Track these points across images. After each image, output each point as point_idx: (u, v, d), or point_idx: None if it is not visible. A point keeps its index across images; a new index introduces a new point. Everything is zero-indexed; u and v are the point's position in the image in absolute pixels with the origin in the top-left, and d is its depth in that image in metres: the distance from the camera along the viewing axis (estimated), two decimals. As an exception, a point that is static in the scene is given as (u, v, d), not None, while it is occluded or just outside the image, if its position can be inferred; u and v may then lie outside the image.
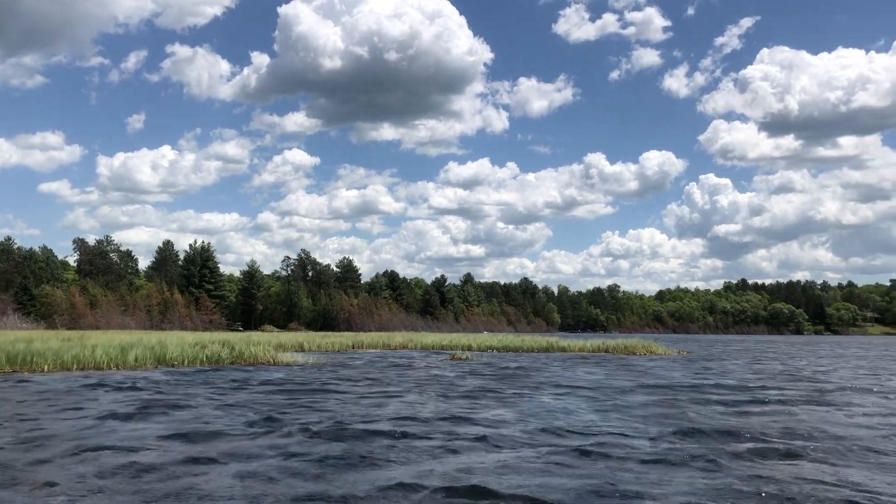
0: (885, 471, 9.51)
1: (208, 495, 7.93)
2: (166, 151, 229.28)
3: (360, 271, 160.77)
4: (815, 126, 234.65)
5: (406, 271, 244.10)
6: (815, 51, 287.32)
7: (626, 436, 11.75)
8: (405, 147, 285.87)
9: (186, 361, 29.10)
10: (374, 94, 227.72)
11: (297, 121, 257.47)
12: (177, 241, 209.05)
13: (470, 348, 44.62)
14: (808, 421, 13.80)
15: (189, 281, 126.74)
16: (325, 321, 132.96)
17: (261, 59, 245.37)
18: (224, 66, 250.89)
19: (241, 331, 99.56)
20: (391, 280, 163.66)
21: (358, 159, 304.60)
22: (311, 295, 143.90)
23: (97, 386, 19.61)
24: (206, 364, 29.20)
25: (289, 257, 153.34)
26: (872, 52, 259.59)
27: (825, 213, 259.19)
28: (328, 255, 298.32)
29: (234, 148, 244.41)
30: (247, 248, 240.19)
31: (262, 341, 38.94)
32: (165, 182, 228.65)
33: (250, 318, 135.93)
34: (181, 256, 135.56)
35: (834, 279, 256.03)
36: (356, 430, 11.81)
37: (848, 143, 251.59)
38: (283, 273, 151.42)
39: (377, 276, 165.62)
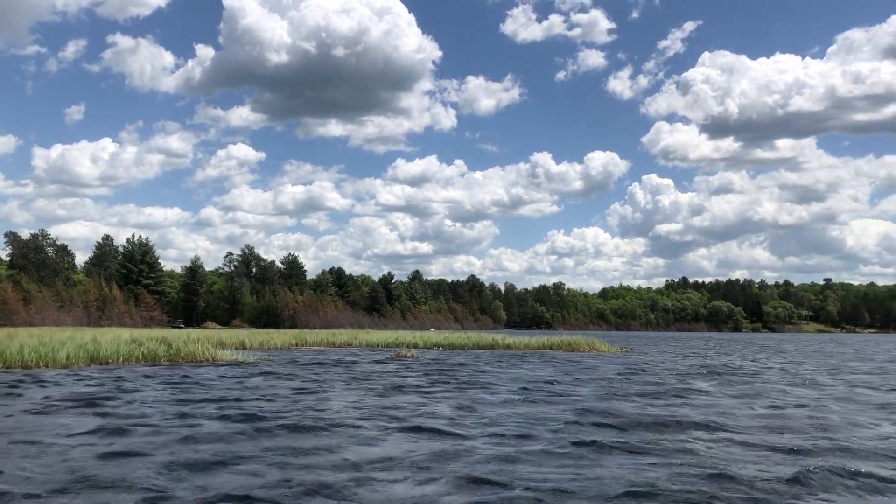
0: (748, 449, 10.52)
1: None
2: (107, 144, 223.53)
3: (305, 268, 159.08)
4: (754, 129, 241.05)
5: (353, 268, 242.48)
6: (754, 56, 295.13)
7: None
8: (353, 143, 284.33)
9: (121, 359, 28.14)
10: (322, 89, 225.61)
11: (243, 115, 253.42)
12: (117, 236, 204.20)
13: (415, 346, 44.33)
14: (718, 410, 14.75)
15: (128, 277, 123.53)
16: (269, 318, 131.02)
17: (205, 52, 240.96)
18: (168, 57, 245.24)
19: (182, 328, 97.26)
20: (337, 277, 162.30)
21: (304, 155, 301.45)
22: (255, 292, 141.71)
23: (18, 383, 18.75)
24: (142, 362, 28.29)
25: (232, 253, 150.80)
26: (808, 58, 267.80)
27: (763, 214, 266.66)
28: (273, 252, 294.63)
29: (177, 141, 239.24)
30: (189, 243, 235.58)
31: (202, 338, 38.00)
32: (105, 175, 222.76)
33: (192, 315, 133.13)
34: (121, 251, 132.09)
35: (771, 278, 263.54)
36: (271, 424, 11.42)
37: (785, 146, 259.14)
38: (227, 269, 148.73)
39: (323, 273, 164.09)
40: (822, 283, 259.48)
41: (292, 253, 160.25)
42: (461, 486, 8.23)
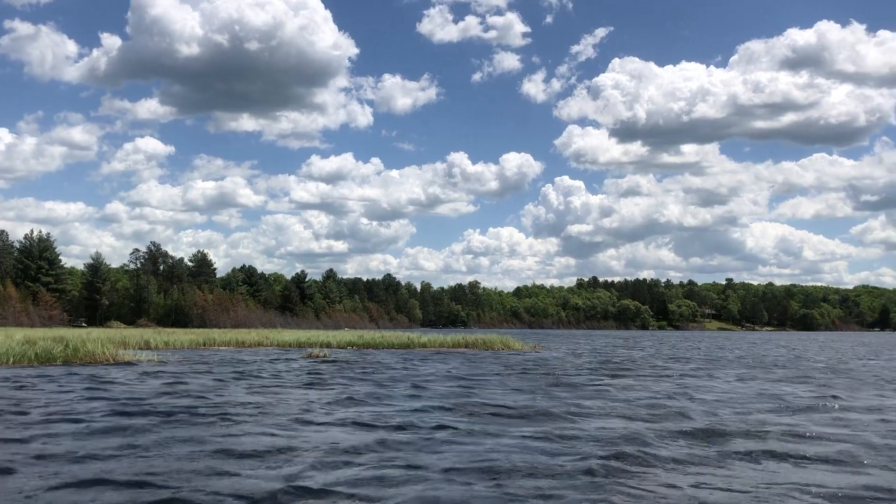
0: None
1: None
2: (3, 134, 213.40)
3: (215, 266, 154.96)
4: (660, 134, 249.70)
5: (265, 267, 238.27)
6: (661, 63, 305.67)
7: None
8: (266, 139, 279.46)
9: (12, 360, 26.46)
10: (234, 83, 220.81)
11: (151, 108, 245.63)
12: (13, 231, 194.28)
13: (329, 345, 43.60)
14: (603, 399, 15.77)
15: (26, 274, 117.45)
16: (177, 317, 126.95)
17: (111, 42, 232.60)
18: (71, 46, 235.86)
19: (84, 327, 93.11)
20: (248, 275, 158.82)
21: (215, 150, 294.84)
22: (163, 290, 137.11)
23: None
24: (35, 363, 26.69)
25: (138, 250, 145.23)
26: (712, 67, 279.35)
27: (668, 216, 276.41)
28: (182, 249, 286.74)
29: (80, 133, 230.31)
30: (93, 239, 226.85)
31: (103, 338, 36.27)
32: (1, 167, 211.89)
33: (95, 314, 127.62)
34: (17, 247, 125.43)
35: (676, 278, 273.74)
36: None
37: (689, 151, 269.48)
38: (132, 266, 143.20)
39: (234, 271, 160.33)
40: (723, 282, 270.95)
41: (202, 250, 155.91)
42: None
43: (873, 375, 25.85)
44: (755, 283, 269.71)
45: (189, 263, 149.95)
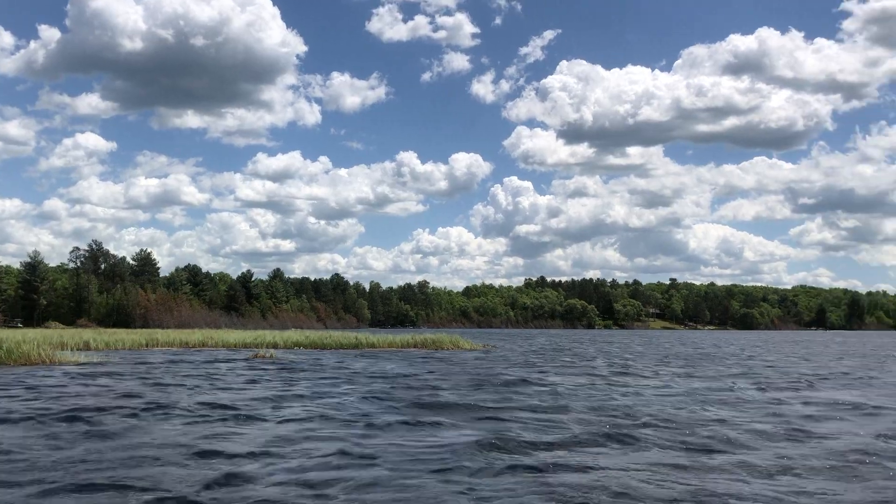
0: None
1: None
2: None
3: (158, 265, 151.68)
4: (607, 136, 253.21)
5: (210, 266, 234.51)
6: (608, 66, 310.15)
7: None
8: (211, 136, 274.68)
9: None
10: (178, 78, 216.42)
11: (92, 102, 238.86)
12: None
13: (275, 346, 43.03)
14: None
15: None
16: (118, 318, 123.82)
17: (50, 34, 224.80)
18: (6, 38, 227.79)
19: (20, 328, 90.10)
20: (193, 274, 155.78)
21: (159, 146, 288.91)
22: (104, 290, 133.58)
23: None
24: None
25: (78, 248, 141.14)
26: (657, 71, 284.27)
27: (614, 217, 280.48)
28: (124, 248, 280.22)
29: (16, 128, 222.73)
30: (30, 237, 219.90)
31: (40, 339, 35.12)
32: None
33: (33, 314, 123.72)
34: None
35: (621, 278, 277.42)
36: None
37: (635, 153, 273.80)
38: (72, 265, 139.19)
39: (178, 270, 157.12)
40: (667, 282, 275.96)
41: (145, 249, 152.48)
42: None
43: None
44: (698, 283, 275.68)
45: (131, 262, 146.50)
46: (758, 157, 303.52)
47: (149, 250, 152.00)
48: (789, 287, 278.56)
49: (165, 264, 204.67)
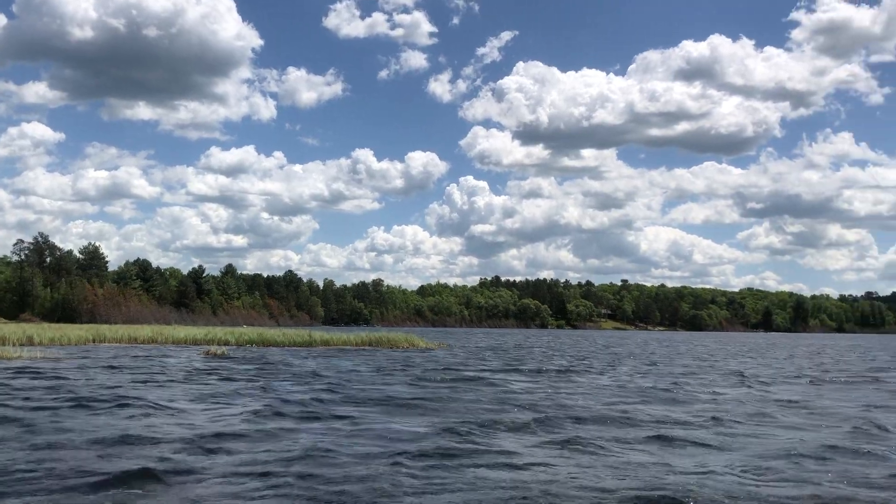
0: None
1: None
2: None
3: (107, 259, 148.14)
4: (562, 138, 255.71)
5: (160, 260, 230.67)
6: (564, 68, 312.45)
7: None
8: (163, 128, 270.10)
9: None
10: (130, 69, 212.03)
11: (39, 91, 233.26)
12: None
13: (227, 343, 42.32)
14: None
15: None
16: (64, 312, 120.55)
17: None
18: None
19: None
20: (143, 269, 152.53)
21: (109, 138, 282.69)
22: (49, 283, 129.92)
23: None
24: None
25: (23, 241, 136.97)
26: (611, 74, 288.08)
27: (568, 218, 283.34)
28: (71, 241, 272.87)
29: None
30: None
31: (-20, 334, 33.96)
32: None
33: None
34: None
35: (574, 278, 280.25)
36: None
37: (589, 156, 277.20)
38: (16, 258, 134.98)
39: (127, 264, 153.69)
40: (619, 283, 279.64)
41: (93, 242, 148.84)
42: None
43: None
44: (649, 284, 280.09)
45: (78, 256, 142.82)
46: (708, 161, 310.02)
47: (97, 244, 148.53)
48: (737, 290, 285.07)
49: (114, 258, 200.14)
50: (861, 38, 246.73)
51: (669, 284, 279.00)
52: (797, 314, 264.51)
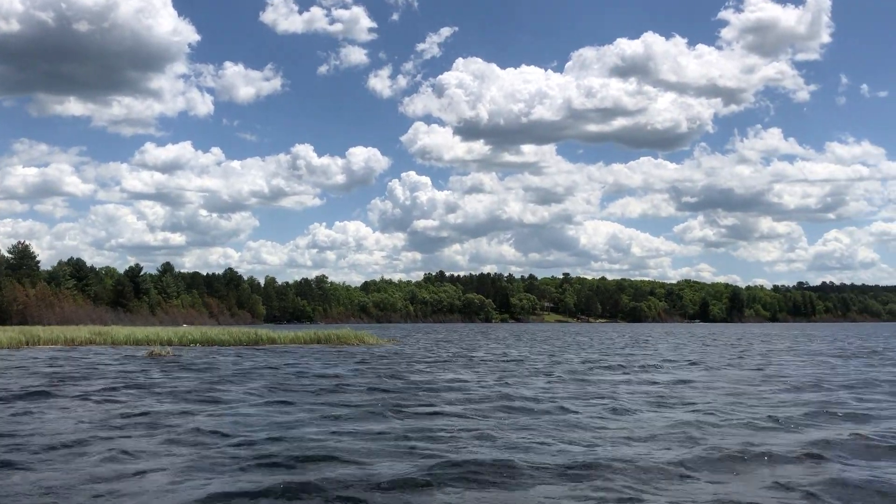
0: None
1: None
2: None
3: (38, 258, 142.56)
4: (502, 133, 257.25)
5: (94, 259, 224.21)
6: (503, 65, 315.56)
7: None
8: (95, 124, 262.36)
9: None
10: (60, 64, 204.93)
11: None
12: None
13: (171, 343, 40.99)
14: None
15: None
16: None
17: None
18: None
19: None
20: (77, 269, 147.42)
21: (38, 134, 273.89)
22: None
23: None
24: None
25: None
26: (549, 71, 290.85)
27: (510, 213, 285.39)
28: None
29: None
30: None
31: None
32: None
33: None
34: None
35: (517, 272, 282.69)
36: None
37: (529, 151, 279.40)
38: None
39: (60, 263, 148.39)
40: (560, 277, 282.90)
41: (22, 241, 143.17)
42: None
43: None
44: (589, 277, 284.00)
45: (7, 255, 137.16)
46: (644, 156, 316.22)
47: (27, 242, 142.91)
48: (674, 281, 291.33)
49: (46, 258, 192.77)
50: (787, 37, 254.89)
51: (609, 277, 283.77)
52: (733, 305, 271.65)
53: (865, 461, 9.48)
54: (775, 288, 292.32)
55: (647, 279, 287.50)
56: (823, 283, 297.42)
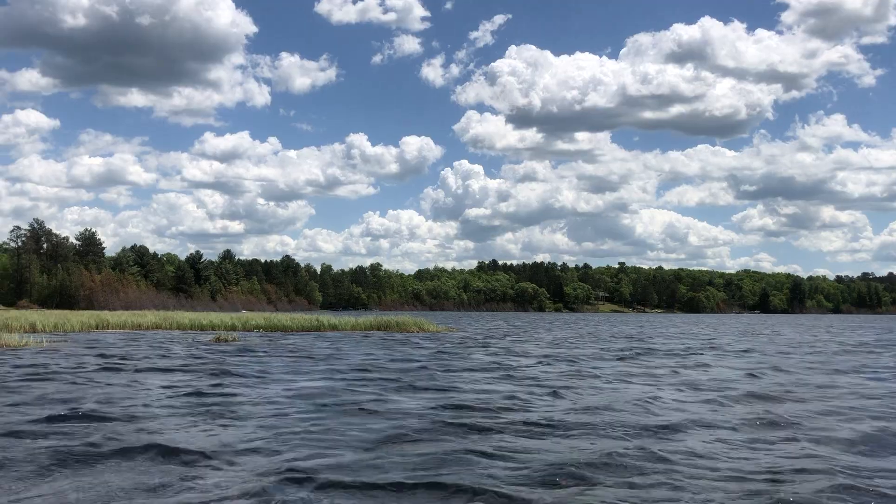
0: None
1: None
2: None
3: (103, 245, 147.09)
4: (555, 121, 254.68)
5: (156, 246, 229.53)
6: (557, 52, 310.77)
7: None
8: (157, 115, 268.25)
9: None
10: (123, 56, 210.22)
11: (31, 79, 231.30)
12: None
13: (234, 328, 41.70)
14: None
15: None
16: (61, 299, 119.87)
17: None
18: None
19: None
20: (140, 255, 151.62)
21: (103, 125, 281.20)
22: (46, 270, 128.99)
23: None
24: None
25: (19, 227, 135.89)
26: (604, 58, 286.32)
27: (563, 201, 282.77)
28: (66, 227, 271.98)
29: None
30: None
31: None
32: None
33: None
34: None
35: (570, 261, 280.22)
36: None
37: (583, 139, 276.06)
38: (12, 245, 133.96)
39: (124, 250, 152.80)
40: (615, 266, 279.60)
41: (89, 229, 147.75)
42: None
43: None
44: (645, 266, 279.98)
45: (75, 242, 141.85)
46: (702, 144, 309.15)
47: (93, 230, 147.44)
48: (733, 271, 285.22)
49: (110, 245, 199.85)
50: (852, 19, 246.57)
51: (666, 267, 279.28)
52: (794, 295, 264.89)
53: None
54: (838, 278, 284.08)
55: (705, 269, 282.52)
56: (890, 273, 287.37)
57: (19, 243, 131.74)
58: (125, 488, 7.02)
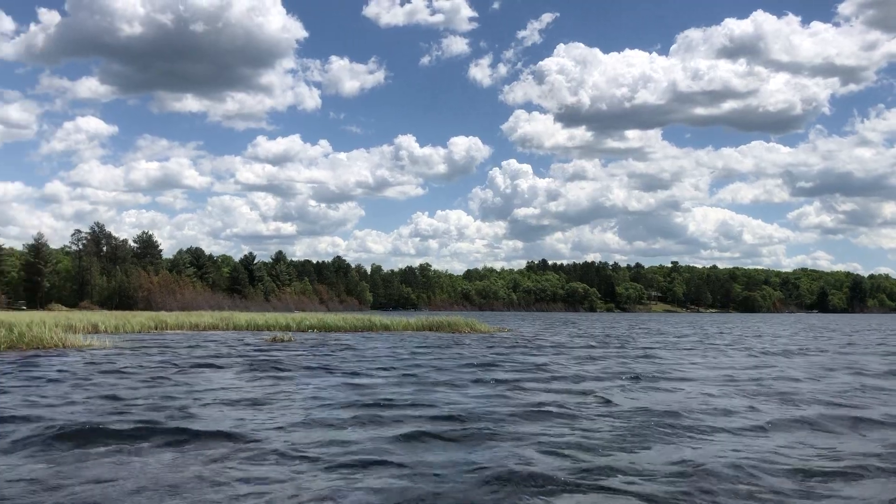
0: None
1: None
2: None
3: (160, 247, 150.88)
4: (604, 119, 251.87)
5: (211, 248, 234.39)
6: (606, 49, 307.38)
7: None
8: (211, 119, 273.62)
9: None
10: (177, 62, 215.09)
11: (91, 86, 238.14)
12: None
13: (289, 328, 42.25)
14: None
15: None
16: (120, 300, 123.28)
17: (49, 18, 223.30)
18: (7, 22, 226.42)
19: (24, 310, 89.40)
20: (195, 257, 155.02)
21: (159, 130, 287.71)
22: (106, 272, 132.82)
23: None
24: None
25: (80, 231, 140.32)
26: (654, 54, 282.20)
27: (613, 200, 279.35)
28: (124, 230, 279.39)
29: (17, 111, 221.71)
30: (32, 220, 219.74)
31: (49, 321, 34.31)
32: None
33: (35, 297, 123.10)
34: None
35: (621, 261, 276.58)
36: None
37: (633, 136, 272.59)
38: (74, 248, 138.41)
39: (181, 252, 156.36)
40: (667, 265, 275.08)
41: (147, 231, 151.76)
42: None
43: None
44: (699, 265, 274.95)
45: (133, 245, 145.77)
46: (756, 140, 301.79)
47: (150, 233, 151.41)
48: (789, 270, 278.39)
49: (167, 247, 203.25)
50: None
51: (720, 265, 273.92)
52: (854, 294, 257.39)
53: None
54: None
55: (760, 268, 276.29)
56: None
57: (80, 246, 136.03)
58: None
